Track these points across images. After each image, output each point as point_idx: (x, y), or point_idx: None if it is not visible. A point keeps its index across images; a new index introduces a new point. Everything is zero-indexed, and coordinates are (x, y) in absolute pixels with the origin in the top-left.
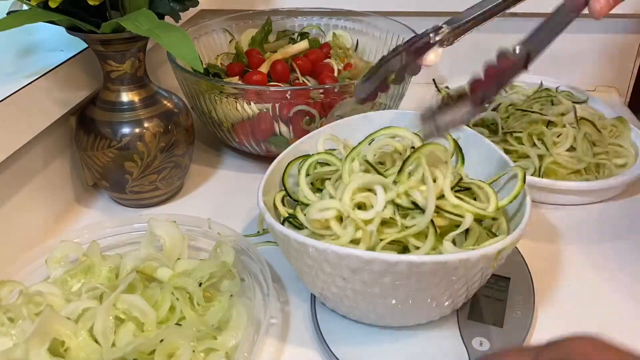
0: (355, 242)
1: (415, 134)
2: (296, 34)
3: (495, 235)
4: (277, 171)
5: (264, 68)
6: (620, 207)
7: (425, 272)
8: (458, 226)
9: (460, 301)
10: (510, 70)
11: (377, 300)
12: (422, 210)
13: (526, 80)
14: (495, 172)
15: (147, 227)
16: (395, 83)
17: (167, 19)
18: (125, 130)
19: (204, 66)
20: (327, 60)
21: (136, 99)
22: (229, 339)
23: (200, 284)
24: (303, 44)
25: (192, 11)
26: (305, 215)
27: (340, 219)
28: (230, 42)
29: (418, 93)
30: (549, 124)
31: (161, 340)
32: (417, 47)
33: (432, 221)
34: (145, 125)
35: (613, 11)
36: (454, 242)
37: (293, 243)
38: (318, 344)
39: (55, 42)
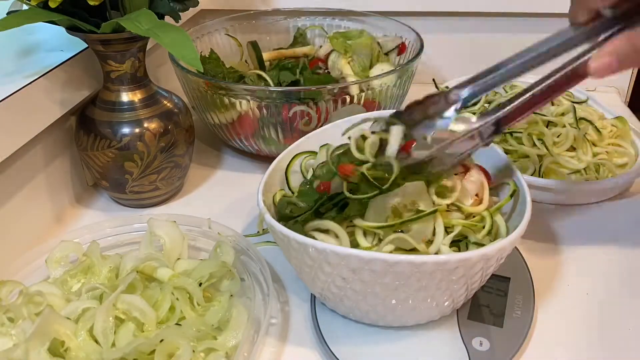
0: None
1: None
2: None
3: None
4: (277, 171)
5: None
6: (620, 207)
7: (425, 272)
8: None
9: (460, 301)
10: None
11: (377, 300)
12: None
13: (526, 81)
14: (499, 177)
15: (147, 227)
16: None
17: (167, 19)
18: (125, 130)
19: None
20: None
21: (136, 99)
22: (229, 339)
23: (200, 284)
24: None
25: (192, 11)
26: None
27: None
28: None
29: (419, 93)
30: (549, 124)
31: (161, 340)
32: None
33: None
34: (145, 125)
35: None
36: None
37: (293, 243)
38: (318, 344)
39: (55, 42)
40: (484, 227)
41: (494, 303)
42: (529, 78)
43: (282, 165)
